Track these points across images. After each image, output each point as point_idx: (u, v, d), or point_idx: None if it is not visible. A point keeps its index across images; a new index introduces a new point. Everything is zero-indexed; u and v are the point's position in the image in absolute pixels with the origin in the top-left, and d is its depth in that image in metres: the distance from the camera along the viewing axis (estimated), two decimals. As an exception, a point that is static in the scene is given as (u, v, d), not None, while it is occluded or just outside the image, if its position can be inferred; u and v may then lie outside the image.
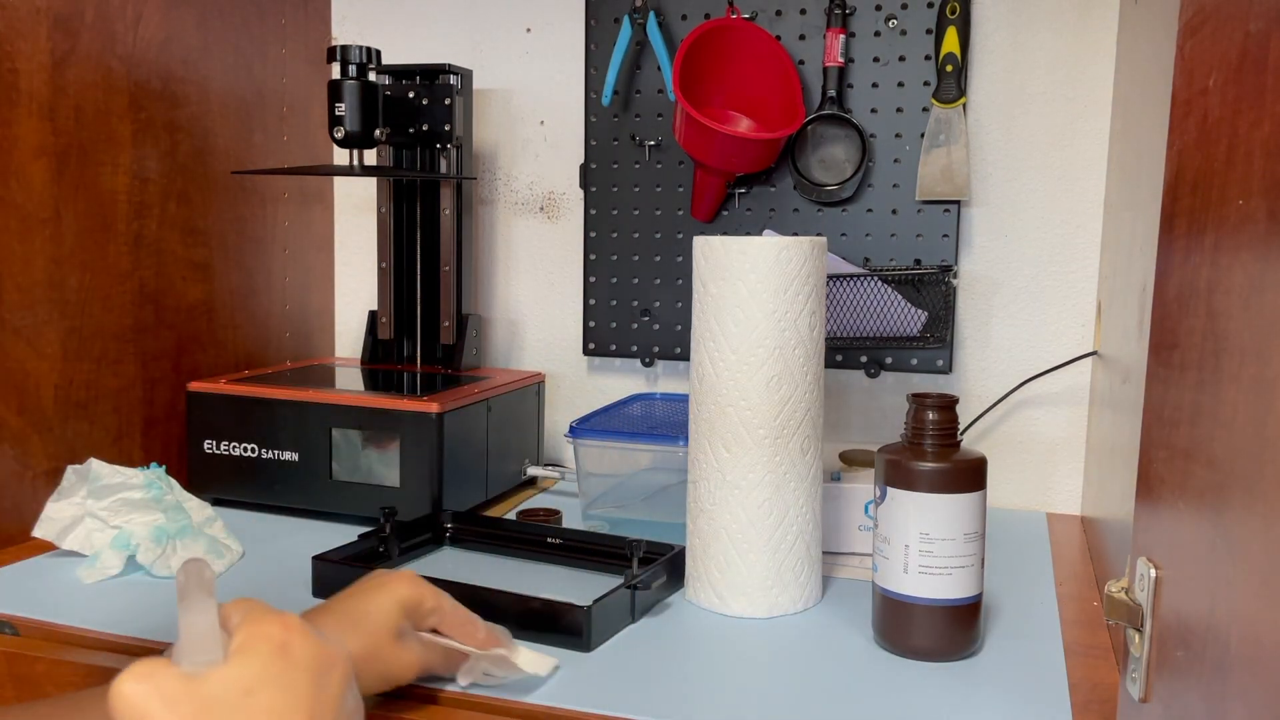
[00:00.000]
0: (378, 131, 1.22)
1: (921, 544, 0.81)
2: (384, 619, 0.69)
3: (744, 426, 0.88)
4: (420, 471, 1.11)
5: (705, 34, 1.23)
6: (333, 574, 0.92)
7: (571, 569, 1.01)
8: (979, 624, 0.84)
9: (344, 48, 1.19)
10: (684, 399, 1.27)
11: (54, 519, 0.98)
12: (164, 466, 1.04)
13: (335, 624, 0.68)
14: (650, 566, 0.91)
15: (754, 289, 0.87)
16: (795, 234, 1.28)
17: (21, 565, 0.99)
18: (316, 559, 0.94)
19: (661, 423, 1.18)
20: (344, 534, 1.04)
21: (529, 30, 1.40)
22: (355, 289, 1.52)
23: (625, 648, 0.83)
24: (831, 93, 1.25)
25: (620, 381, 1.41)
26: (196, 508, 1.02)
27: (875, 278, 1.21)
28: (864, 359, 1.28)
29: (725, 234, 1.28)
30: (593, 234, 1.36)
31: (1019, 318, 1.26)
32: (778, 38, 1.27)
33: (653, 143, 1.33)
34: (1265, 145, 0.41)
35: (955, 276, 1.21)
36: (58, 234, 1.07)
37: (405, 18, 1.45)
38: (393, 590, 0.70)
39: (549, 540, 1.04)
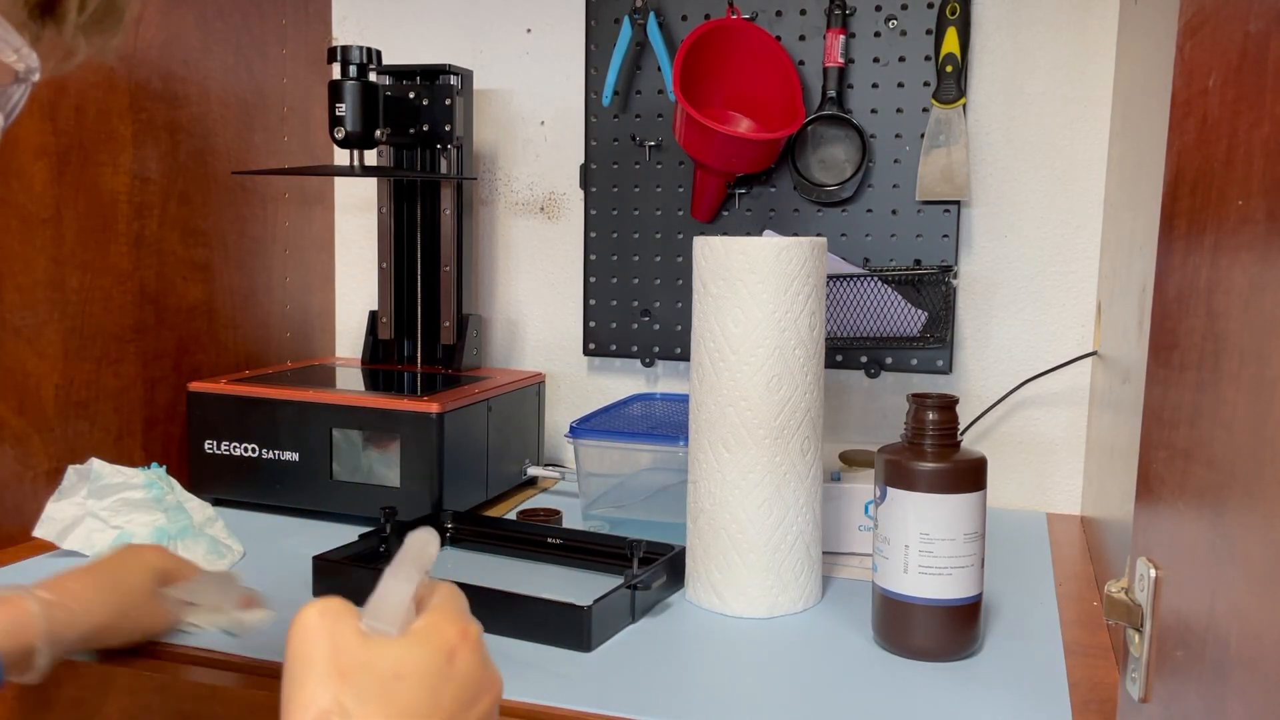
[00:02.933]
0: (378, 132, 1.22)
1: (921, 544, 0.81)
2: (138, 580, 0.78)
3: (744, 426, 0.88)
4: (420, 471, 1.11)
5: (705, 34, 1.23)
6: (333, 574, 0.92)
7: (571, 569, 1.01)
8: (979, 624, 0.84)
9: (344, 48, 1.19)
10: (684, 399, 1.27)
11: (55, 519, 0.98)
12: (165, 466, 1.04)
13: (94, 582, 0.76)
14: (650, 566, 0.91)
15: (754, 289, 0.87)
16: (795, 234, 1.28)
17: (22, 565, 0.99)
18: (317, 559, 0.94)
19: (661, 423, 1.18)
20: (344, 534, 1.04)
21: (529, 30, 1.41)
22: (355, 289, 1.52)
23: (625, 648, 0.83)
24: (831, 93, 1.25)
25: (620, 381, 1.41)
26: (197, 508, 1.02)
27: (875, 278, 1.21)
28: (864, 359, 1.28)
29: (725, 234, 1.28)
30: (593, 234, 1.36)
31: (1019, 318, 1.26)
32: (778, 38, 1.27)
33: (653, 143, 1.33)
34: (1265, 145, 0.41)
35: (955, 277, 1.21)
36: (58, 234, 1.07)
37: (405, 18, 1.45)
38: (145, 558, 0.81)
39: (549, 540, 1.04)
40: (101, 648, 0.79)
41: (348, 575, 0.93)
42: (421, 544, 0.52)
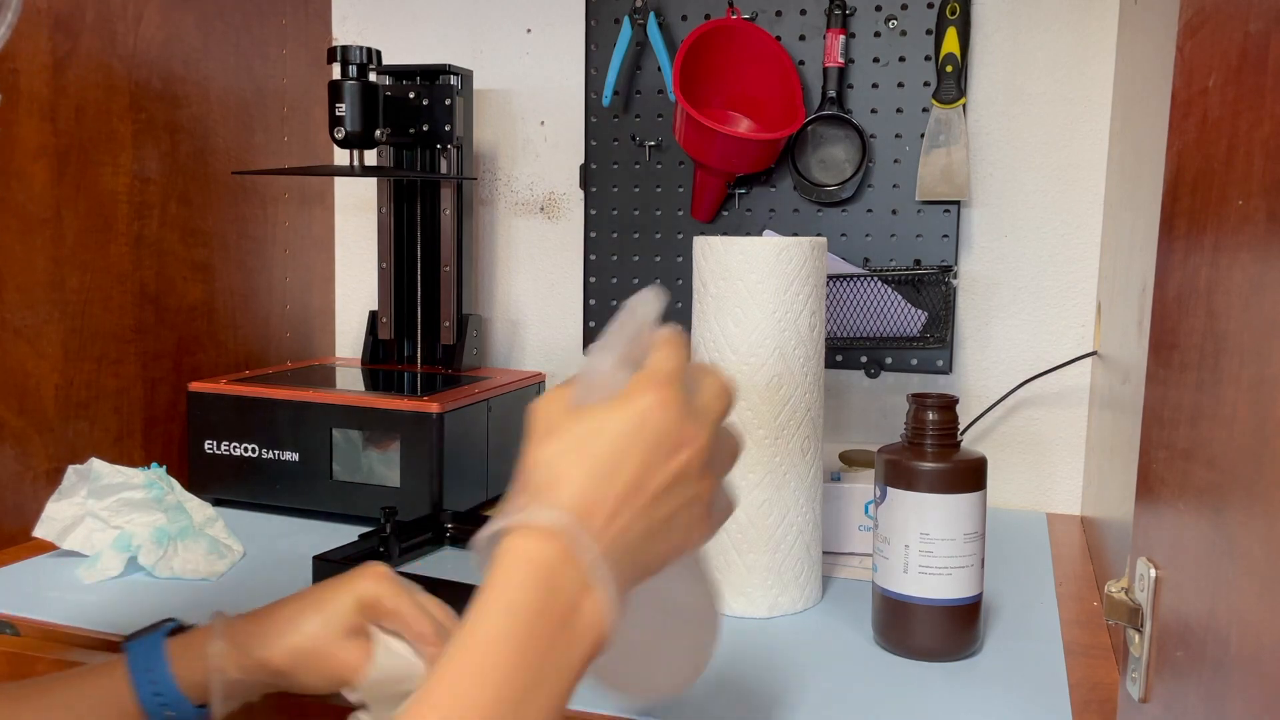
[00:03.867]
0: (378, 132, 1.22)
1: (921, 544, 0.81)
2: (338, 612, 0.68)
3: (744, 427, 0.88)
4: (420, 471, 1.11)
5: (705, 34, 1.23)
6: (333, 574, 0.92)
7: None
8: (979, 624, 0.84)
9: (344, 48, 1.19)
10: (684, 399, 1.27)
11: (55, 519, 0.98)
12: (165, 466, 1.04)
13: (296, 607, 0.68)
14: None
15: (754, 289, 0.87)
16: (795, 234, 1.28)
17: (22, 565, 0.99)
18: (317, 559, 0.94)
19: (662, 423, 1.18)
20: (344, 534, 1.04)
21: (529, 30, 1.41)
22: (355, 289, 1.52)
23: (625, 648, 0.83)
24: (831, 93, 1.25)
25: (620, 382, 1.41)
26: (197, 508, 1.02)
27: (875, 278, 1.21)
28: (864, 359, 1.28)
29: (725, 234, 1.28)
30: (593, 234, 1.36)
31: (1019, 318, 1.26)
32: (778, 38, 1.27)
33: (653, 143, 1.33)
34: (1265, 145, 0.41)
35: (955, 277, 1.21)
36: (58, 234, 1.07)
37: (405, 18, 1.45)
38: (353, 585, 0.69)
39: None
40: (289, 689, 0.69)
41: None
42: (631, 309, 0.57)
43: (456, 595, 0.79)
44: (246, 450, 1.17)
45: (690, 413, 0.53)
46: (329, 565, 0.93)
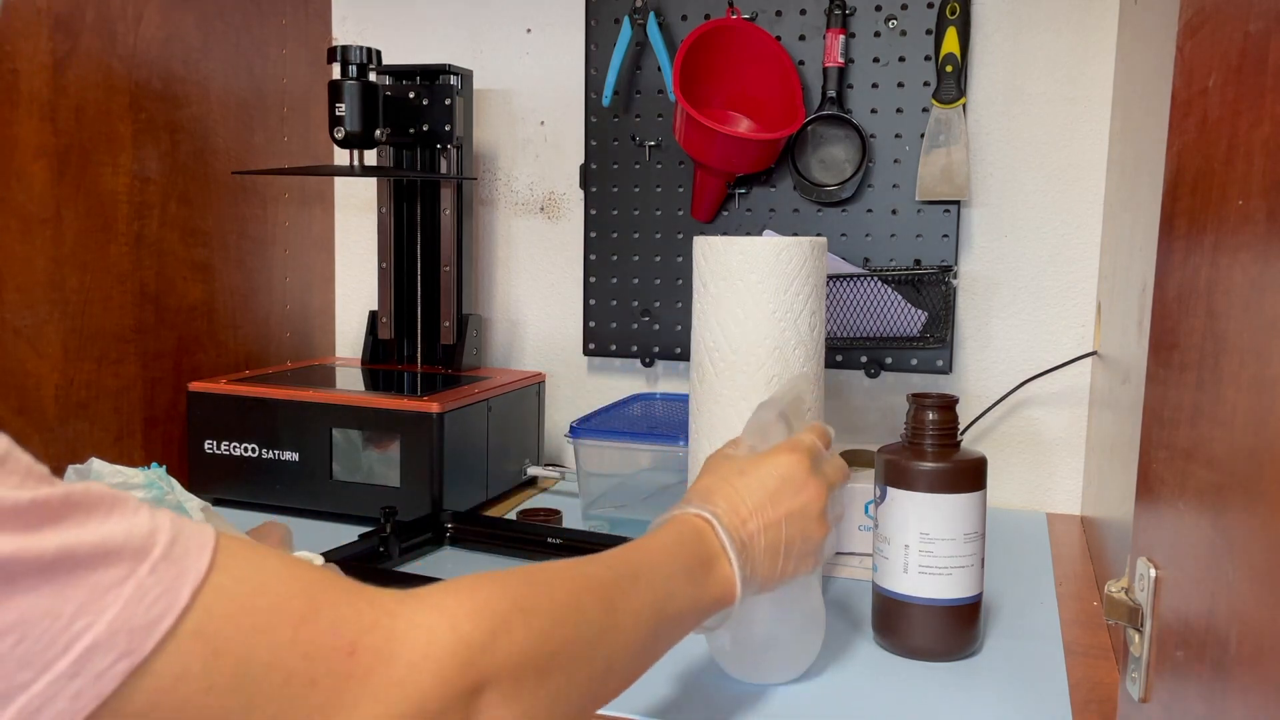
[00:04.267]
0: (378, 132, 1.22)
1: (921, 544, 0.81)
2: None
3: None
4: (420, 471, 1.11)
5: (705, 34, 1.23)
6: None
7: None
8: (979, 624, 0.84)
9: (344, 48, 1.19)
10: (684, 399, 1.27)
11: (54, 519, 0.97)
12: (165, 466, 1.04)
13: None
14: None
15: (754, 289, 0.87)
16: (795, 234, 1.28)
17: (22, 565, 0.99)
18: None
19: (661, 423, 1.18)
20: (344, 534, 1.04)
21: (529, 30, 1.41)
22: (355, 289, 1.52)
23: (625, 648, 0.83)
24: (831, 93, 1.25)
25: (620, 381, 1.41)
26: (197, 508, 1.02)
27: (875, 278, 1.21)
28: (864, 359, 1.28)
29: (725, 234, 1.28)
30: (593, 234, 1.36)
31: (1019, 318, 1.26)
32: (778, 38, 1.27)
33: (653, 143, 1.33)
34: (1265, 145, 0.41)
35: (955, 277, 1.21)
36: (58, 234, 1.07)
37: (405, 18, 1.45)
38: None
39: (549, 540, 1.04)
40: None
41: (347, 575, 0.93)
42: (791, 385, 0.82)
43: None
44: (246, 450, 1.17)
45: (817, 473, 0.72)
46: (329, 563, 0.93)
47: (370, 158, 1.31)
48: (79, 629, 0.37)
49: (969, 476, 0.82)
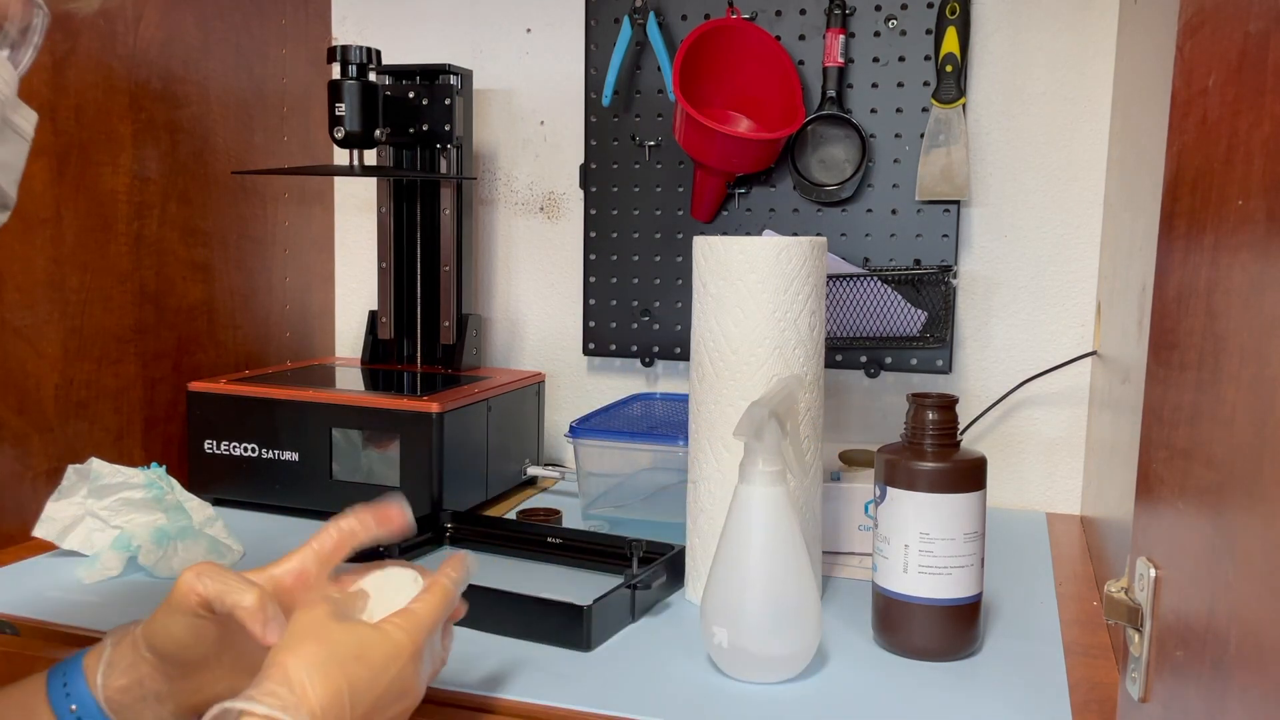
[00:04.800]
0: (378, 132, 1.22)
1: (921, 544, 0.81)
2: (182, 629, 0.65)
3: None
4: (420, 471, 1.11)
5: (705, 34, 1.23)
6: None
7: (571, 568, 1.01)
8: (978, 624, 0.84)
9: (344, 48, 1.19)
10: (684, 399, 1.27)
11: (54, 519, 0.98)
12: (164, 466, 1.04)
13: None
14: (650, 566, 0.91)
15: (754, 289, 0.87)
16: (795, 234, 1.28)
17: (21, 565, 0.99)
18: None
19: (661, 423, 1.18)
20: (344, 534, 1.04)
21: (529, 30, 1.41)
22: (355, 289, 1.52)
23: (625, 648, 0.83)
24: (831, 93, 1.25)
25: (620, 381, 1.41)
26: (197, 508, 1.02)
27: (875, 278, 1.21)
28: (864, 359, 1.28)
29: (725, 234, 1.28)
30: (593, 234, 1.36)
31: (1019, 318, 1.26)
32: (778, 38, 1.27)
33: (653, 143, 1.33)
34: (1265, 145, 0.41)
35: (955, 276, 1.21)
36: (58, 234, 1.07)
37: (405, 18, 1.45)
38: (171, 605, 0.65)
39: (549, 540, 1.04)
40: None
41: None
42: (783, 385, 0.83)
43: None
44: (246, 450, 1.17)
45: (420, 663, 0.62)
46: None
47: (370, 157, 1.31)
48: None
49: (969, 476, 0.82)
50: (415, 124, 1.30)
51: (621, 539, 0.98)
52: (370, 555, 0.98)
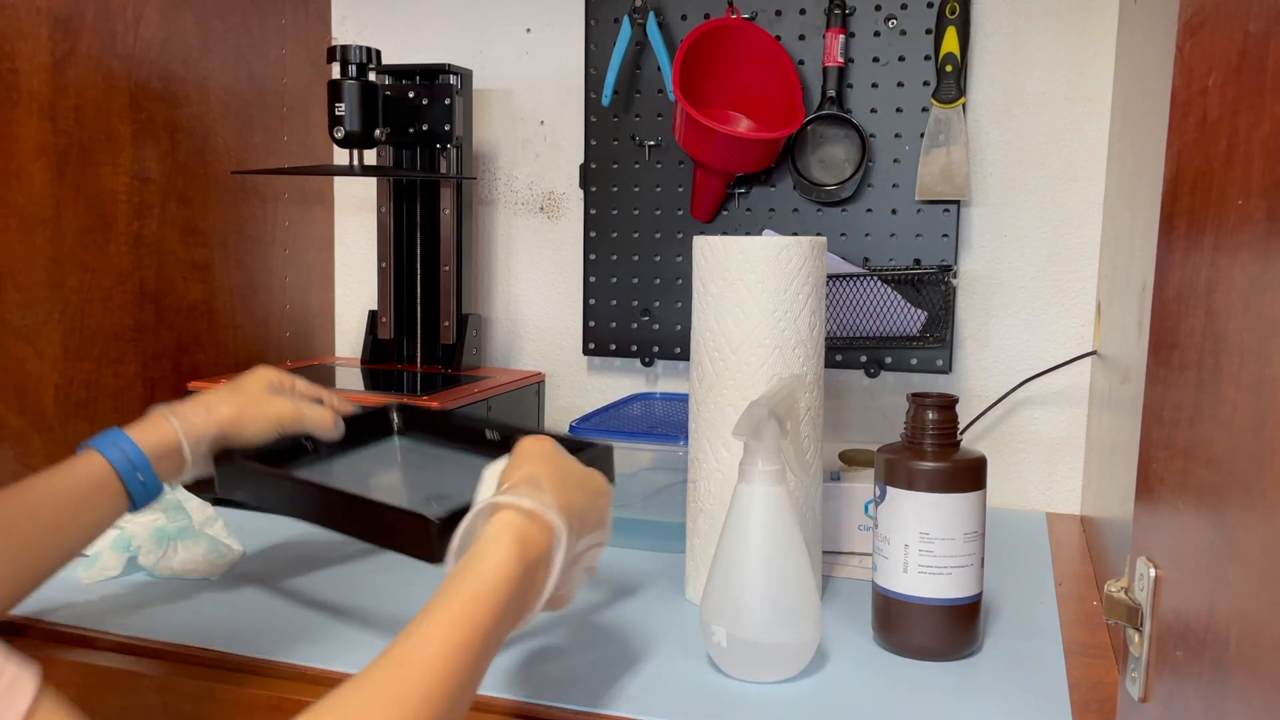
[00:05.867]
0: (378, 131, 1.22)
1: (921, 543, 0.81)
2: (253, 382, 0.90)
3: (744, 426, 0.88)
4: (420, 471, 1.11)
5: (705, 34, 1.23)
6: (239, 469, 0.86)
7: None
8: (978, 623, 0.84)
9: (344, 48, 1.19)
10: (684, 399, 1.27)
11: (54, 519, 0.97)
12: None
13: (216, 392, 0.88)
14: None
15: (754, 289, 0.87)
16: (795, 234, 1.28)
17: (22, 565, 0.99)
18: (220, 458, 0.86)
19: (661, 422, 1.18)
20: (344, 534, 1.04)
21: (529, 30, 1.41)
22: (355, 289, 1.52)
23: (625, 647, 0.83)
24: (831, 93, 1.25)
25: (620, 381, 1.41)
26: (197, 508, 1.02)
27: (875, 278, 1.21)
28: (864, 359, 1.28)
29: (725, 234, 1.28)
30: (593, 234, 1.36)
31: (1018, 317, 1.26)
32: (777, 38, 1.27)
33: (653, 143, 1.33)
34: (1265, 145, 0.41)
35: (955, 276, 1.21)
36: (58, 234, 1.07)
37: (405, 18, 1.45)
38: (259, 371, 0.92)
39: (486, 435, 0.95)
40: (239, 442, 0.86)
41: (252, 474, 0.86)
42: (784, 384, 0.85)
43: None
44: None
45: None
46: (235, 463, 0.87)
47: (370, 157, 1.31)
48: None
49: (969, 476, 0.82)
50: (415, 124, 1.30)
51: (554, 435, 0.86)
52: (296, 451, 0.93)
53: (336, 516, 0.80)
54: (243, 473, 0.86)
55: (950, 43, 1.21)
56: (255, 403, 0.88)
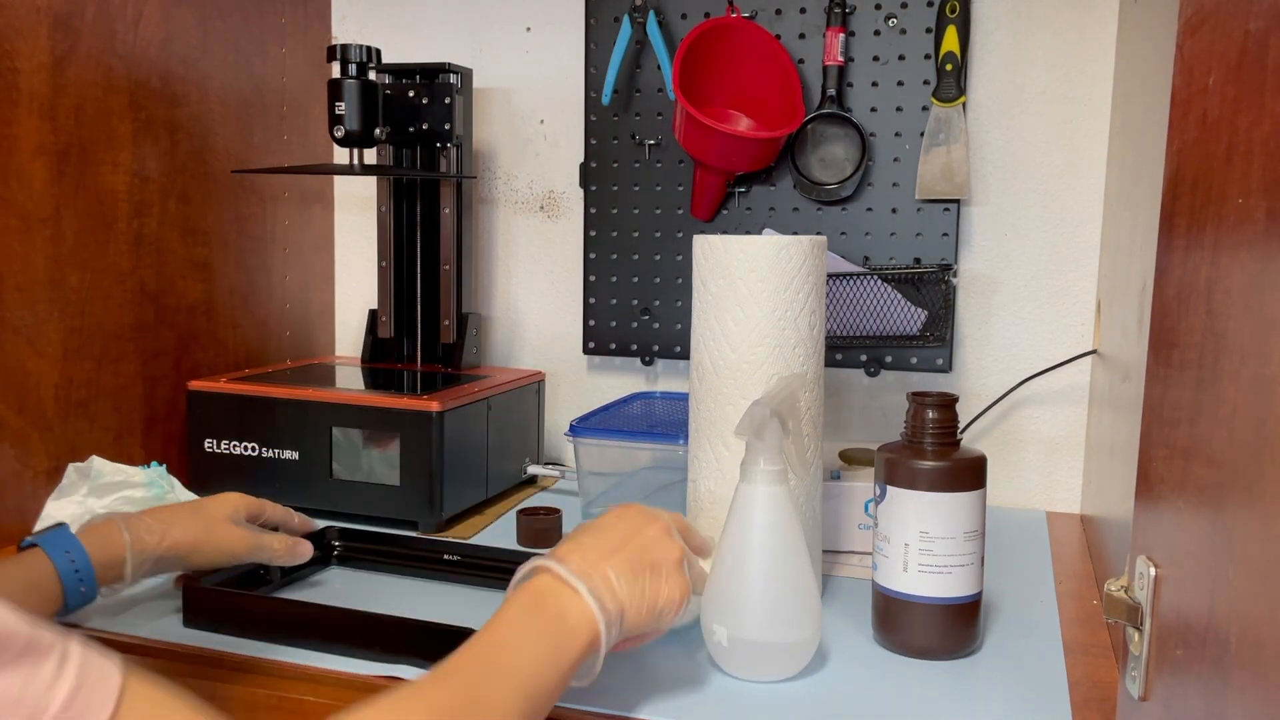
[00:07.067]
0: (378, 130, 1.22)
1: (921, 542, 0.81)
2: (217, 507, 0.90)
3: (744, 425, 0.88)
4: (420, 470, 1.11)
5: (705, 33, 1.23)
6: (207, 598, 0.86)
7: (472, 587, 0.95)
8: (979, 622, 0.84)
9: (344, 47, 1.19)
10: (684, 398, 1.27)
11: (54, 517, 0.98)
12: (165, 465, 1.04)
13: (178, 510, 0.88)
14: None
15: (754, 288, 0.87)
16: (795, 233, 1.28)
17: (22, 564, 0.99)
18: (189, 585, 0.87)
19: (661, 421, 1.18)
20: (344, 533, 1.04)
21: (529, 29, 1.40)
22: (355, 288, 1.52)
23: (625, 646, 0.83)
24: (831, 91, 1.25)
25: (620, 380, 1.41)
26: (197, 507, 1.02)
27: (875, 277, 1.21)
28: (864, 358, 1.28)
29: (725, 233, 1.28)
30: (593, 233, 1.36)
31: (1018, 316, 1.26)
32: (777, 36, 1.27)
33: (653, 142, 1.33)
34: (1265, 143, 0.41)
35: (955, 275, 1.21)
36: (58, 233, 1.07)
37: (405, 17, 1.45)
38: (226, 496, 0.92)
39: (445, 557, 0.98)
40: (186, 567, 0.88)
41: (223, 602, 0.86)
42: (785, 384, 0.84)
43: (338, 618, 0.81)
44: (246, 449, 1.17)
45: (654, 515, 0.76)
46: (202, 590, 0.87)
47: (370, 156, 1.31)
48: None
49: (968, 475, 0.82)
50: (415, 123, 1.30)
51: (523, 555, 0.90)
52: (251, 577, 0.93)
53: (355, 638, 0.81)
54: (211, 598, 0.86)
55: (950, 41, 1.20)
56: (212, 531, 0.87)
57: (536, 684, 0.61)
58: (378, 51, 1.22)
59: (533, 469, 1.29)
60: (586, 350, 1.38)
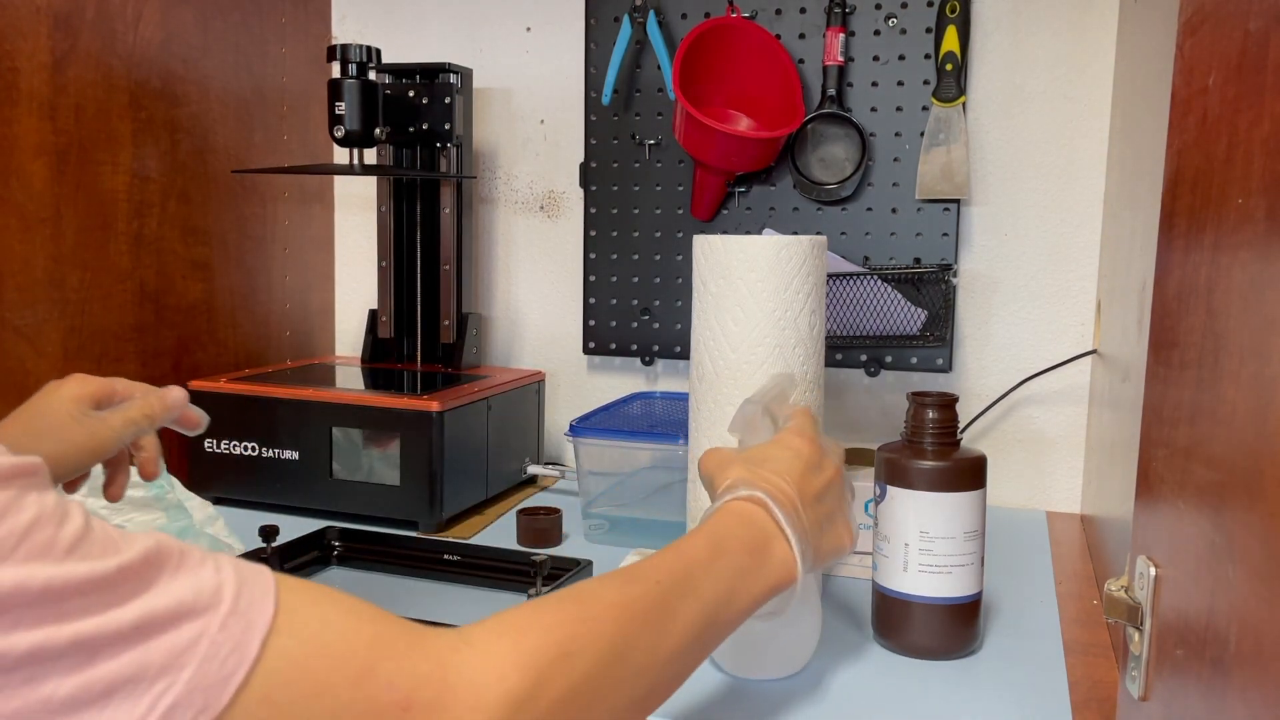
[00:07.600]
0: (378, 130, 1.22)
1: (921, 542, 0.81)
2: (60, 407, 0.75)
3: (744, 425, 0.88)
4: (420, 470, 1.11)
5: (705, 33, 1.23)
6: None
7: (473, 587, 0.97)
8: (979, 622, 0.84)
9: (344, 46, 1.19)
10: (684, 397, 1.27)
11: (54, 518, 0.97)
12: (164, 465, 1.04)
13: (13, 424, 0.74)
14: (556, 583, 0.89)
15: (754, 288, 0.87)
16: (795, 233, 1.28)
17: (22, 564, 0.99)
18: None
19: (661, 421, 1.18)
20: (344, 533, 1.04)
21: (529, 29, 1.40)
22: (355, 288, 1.52)
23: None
24: (831, 91, 1.25)
25: (620, 380, 1.41)
26: (198, 506, 1.02)
27: (875, 276, 1.21)
28: (864, 358, 1.28)
29: (725, 233, 1.28)
30: (593, 233, 1.36)
31: (1018, 316, 1.26)
32: (777, 36, 1.27)
33: (653, 142, 1.33)
34: (1265, 144, 0.41)
35: (955, 275, 1.21)
36: (58, 233, 1.07)
37: (405, 17, 1.45)
38: (62, 389, 0.76)
39: (445, 557, 0.99)
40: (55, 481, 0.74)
41: None
42: (775, 381, 0.82)
43: None
44: (246, 449, 1.17)
45: (826, 453, 0.74)
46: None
47: (370, 156, 1.31)
48: (160, 689, 0.39)
49: (968, 475, 0.82)
50: (415, 123, 1.30)
51: (522, 554, 0.95)
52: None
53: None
54: None
55: (950, 41, 1.20)
56: (65, 431, 0.75)
57: (721, 612, 0.60)
58: (378, 51, 1.22)
59: (533, 469, 1.29)
60: (586, 350, 1.38)
